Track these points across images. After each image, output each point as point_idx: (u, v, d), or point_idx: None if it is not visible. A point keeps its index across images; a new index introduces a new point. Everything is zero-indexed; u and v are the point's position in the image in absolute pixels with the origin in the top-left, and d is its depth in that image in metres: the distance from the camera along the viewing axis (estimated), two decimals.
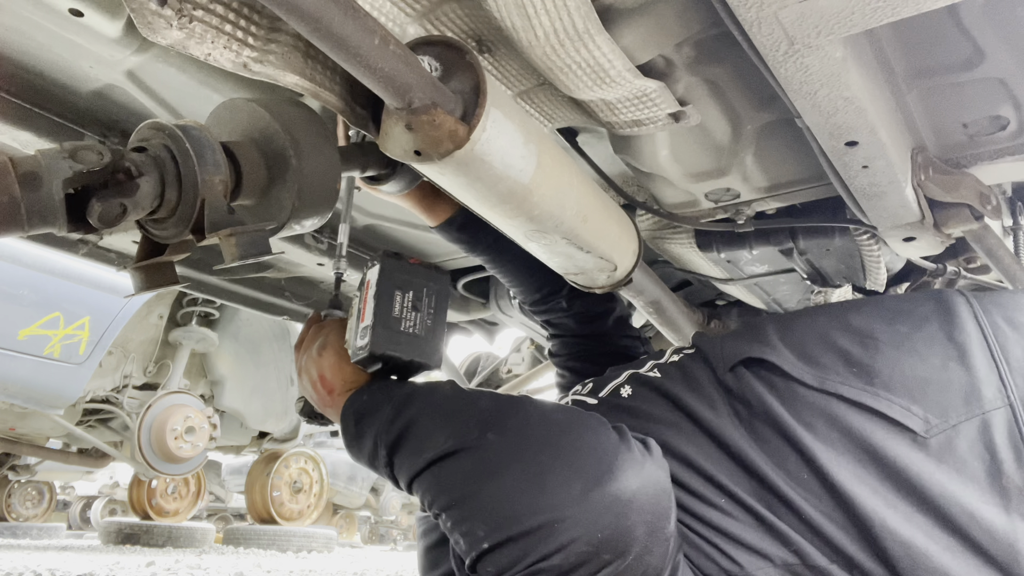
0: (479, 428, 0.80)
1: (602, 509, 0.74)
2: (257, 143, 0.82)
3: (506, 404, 0.86)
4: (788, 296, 1.89)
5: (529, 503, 0.74)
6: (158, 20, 0.69)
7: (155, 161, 0.74)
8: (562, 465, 0.77)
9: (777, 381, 0.92)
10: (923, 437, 0.81)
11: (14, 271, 4.31)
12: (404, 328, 0.90)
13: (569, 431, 0.82)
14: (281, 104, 0.84)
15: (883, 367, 0.88)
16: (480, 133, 0.80)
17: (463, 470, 0.78)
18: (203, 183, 0.73)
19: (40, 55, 1.19)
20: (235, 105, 0.84)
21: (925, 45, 1.00)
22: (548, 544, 0.72)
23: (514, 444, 0.79)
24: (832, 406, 0.87)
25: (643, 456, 0.82)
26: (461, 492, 0.77)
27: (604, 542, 0.73)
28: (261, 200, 0.85)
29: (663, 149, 1.26)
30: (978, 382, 0.84)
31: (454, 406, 0.85)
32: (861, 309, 1.01)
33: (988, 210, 1.20)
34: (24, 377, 4.41)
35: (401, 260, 0.94)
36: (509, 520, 0.74)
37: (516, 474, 0.76)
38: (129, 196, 0.70)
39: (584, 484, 0.75)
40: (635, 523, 0.75)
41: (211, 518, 10.96)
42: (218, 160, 0.75)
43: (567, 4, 0.84)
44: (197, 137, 0.76)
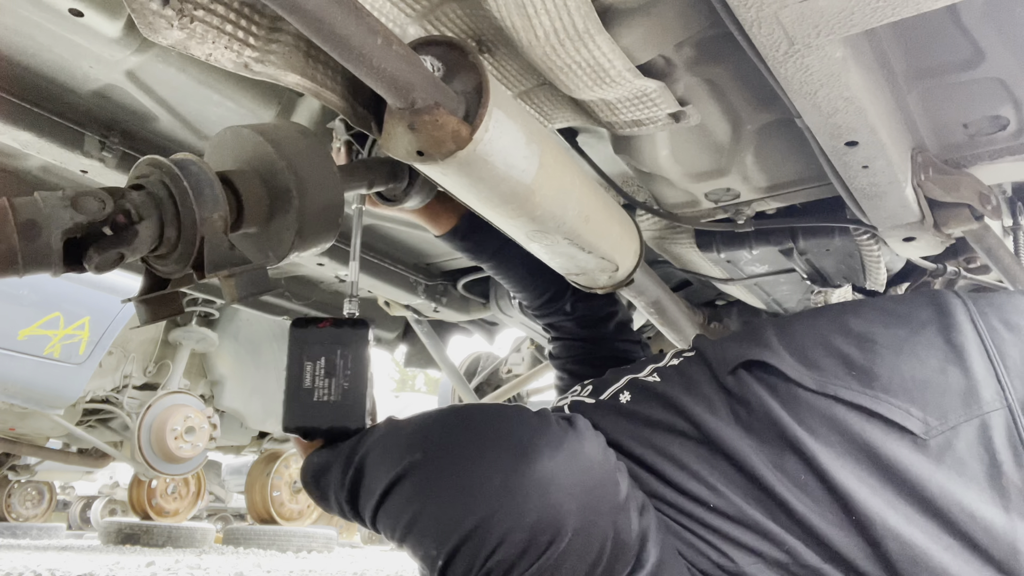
0: (409, 452, 0.82)
1: (523, 494, 0.75)
2: (260, 174, 0.82)
3: (430, 421, 0.87)
4: (788, 296, 1.89)
5: (461, 509, 0.76)
6: (159, 20, 0.69)
7: (154, 201, 0.74)
8: (481, 462, 0.78)
9: (778, 384, 0.92)
10: (923, 439, 0.82)
11: None
12: (318, 398, 0.89)
13: (487, 427, 0.83)
14: (286, 134, 0.84)
15: (882, 370, 0.89)
16: (483, 133, 0.80)
17: (404, 497, 0.80)
18: (202, 221, 0.73)
19: (40, 55, 1.19)
20: (240, 133, 0.84)
21: (925, 45, 1.00)
22: (487, 542, 0.74)
23: (439, 457, 0.81)
24: (832, 409, 0.87)
25: (562, 433, 0.82)
26: (407, 518, 0.79)
27: (536, 525, 0.74)
28: (264, 229, 0.85)
29: (663, 149, 1.26)
30: (976, 384, 0.84)
31: (388, 440, 0.86)
32: (860, 312, 1.01)
33: (988, 210, 1.20)
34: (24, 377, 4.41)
35: (309, 327, 0.92)
36: (450, 530, 0.75)
37: (445, 484, 0.78)
38: (127, 244, 0.70)
39: (503, 475, 0.76)
40: (561, 500, 0.76)
41: (211, 518, 10.95)
42: (217, 196, 0.75)
43: (567, 4, 0.84)
44: (195, 173, 0.75)
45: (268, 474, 7.36)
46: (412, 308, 2.27)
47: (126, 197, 0.72)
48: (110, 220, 0.70)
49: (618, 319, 1.46)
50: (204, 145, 1.44)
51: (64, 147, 1.29)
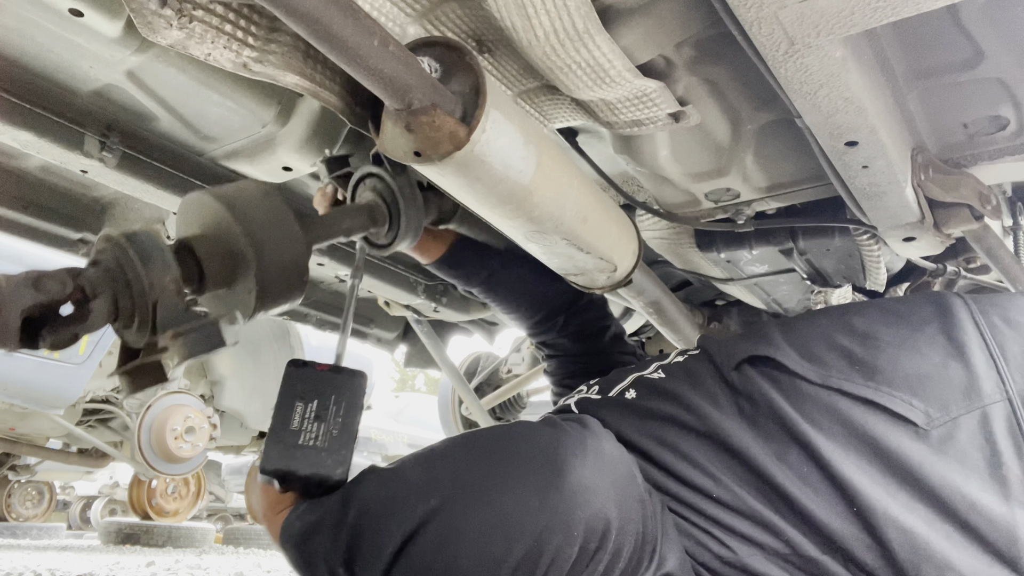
0: (422, 500, 0.76)
1: (566, 508, 0.74)
2: (219, 239, 0.83)
3: (434, 462, 0.83)
4: (788, 296, 1.89)
5: (505, 541, 0.72)
6: (158, 20, 0.69)
7: (109, 275, 0.75)
8: (512, 489, 0.75)
9: (782, 378, 0.94)
10: (924, 429, 0.84)
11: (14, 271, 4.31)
12: (303, 441, 0.86)
13: (503, 453, 0.81)
14: (246, 196, 0.85)
15: (885, 364, 0.91)
16: (480, 134, 0.80)
17: (430, 547, 0.73)
18: (152, 286, 0.75)
19: (40, 55, 1.19)
20: (201, 200, 0.85)
21: (925, 45, 1.00)
22: (538, 567, 0.71)
23: (462, 496, 0.76)
24: (835, 401, 0.89)
25: (580, 436, 0.82)
26: (441, 567, 0.73)
27: (584, 535, 0.73)
28: (229, 291, 0.86)
29: (663, 149, 1.26)
30: (977, 378, 0.86)
31: (389, 492, 0.80)
32: (862, 312, 1.03)
33: (988, 210, 1.20)
34: (24, 377, 4.41)
35: (307, 367, 0.90)
36: (495, 567, 0.72)
37: (478, 522, 0.74)
38: (81, 322, 0.72)
39: (540, 495, 0.74)
40: (603, 504, 0.76)
41: (211, 518, 10.96)
42: (167, 260, 0.76)
43: (567, 4, 0.84)
44: (143, 242, 0.77)
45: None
46: (412, 308, 2.27)
47: (83, 275, 0.74)
48: (68, 299, 0.72)
49: (611, 332, 1.46)
50: (204, 145, 1.45)
51: (64, 147, 1.29)
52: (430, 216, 1.14)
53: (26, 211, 1.63)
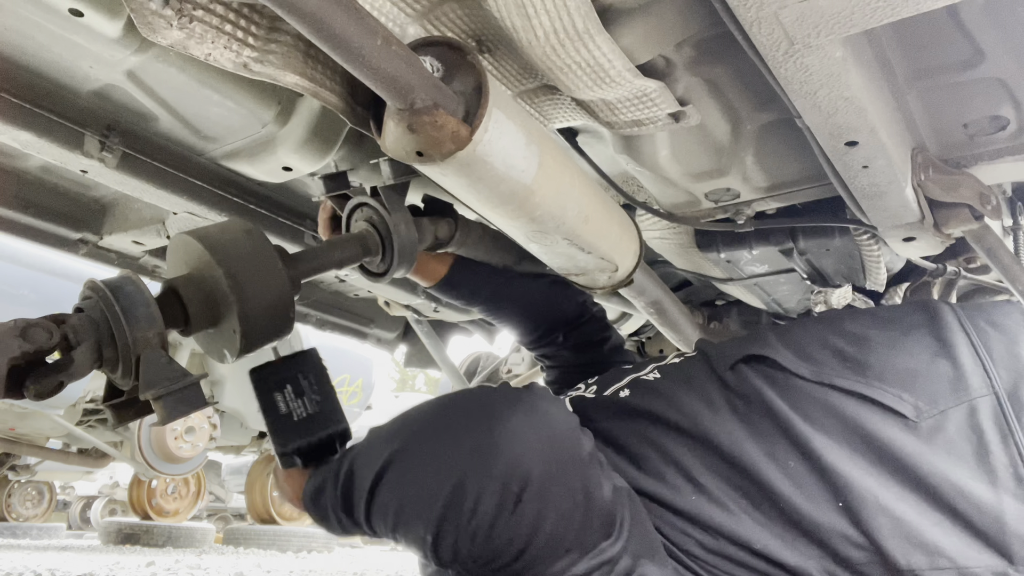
0: (388, 445, 0.86)
1: (490, 449, 0.79)
2: (203, 281, 0.86)
3: (407, 413, 0.92)
4: (788, 296, 1.89)
5: (437, 481, 0.80)
6: (158, 20, 0.69)
7: (92, 324, 0.78)
8: (450, 434, 0.83)
9: (776, 375, 0.97)
10: (914, 421, 0.87)
11: (14, 271, 4.31)
12: (297, 416, 0.94)
13: (452, 406, 0.89)
14: (229, 237, 0.87)
15: (875, 362, 0.95)
16: (482, 134, 0.80)
17: (389, 487, 0.84)
18: (136, 341, 0.77)
19: (40, 55, 1.19)
20: (186, 241, 0.87)
21: (925, 45, 1.00)
22: (466, 504, 0.77)
23: (413, 443, 0.85)
24: (828, 396, 0.93)
25: (518, 394, 0.87)
26: (395, 507, 0.83)
27: (505, 475, 0.77)
28: (217, 330, 0.88)
29: (663, 149, 1.26)
30: (964, 374, 0.90)
31: (370, 441, 0.91)
32: (855, 317, 1.07)
33: (988, 210, 1.20)
34: None
35: (266, 367, 0.97)
36: (431, 505, 0.79)
37: (422, 464, 0.83)
38: (64, 371, 0.74)
39: (471, 440, 0.81)
40: (523, 450, 0.79)
41: (211, 518, 10.96)
42: (152, 315, 0.79)
43: (567, 4, 0.84)
44: (130, 294, 0.79)
45: (268, 474, 7.36)
46: (412, 308, 2.27)
47: (67, 323, 0.77)
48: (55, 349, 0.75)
49: (611, 343, 1.47)
50: (204, 145, 1.44)
51: (64, 147, 1.29)
52: (426, 242, 1.14)
53: (26, 211, 1.63)
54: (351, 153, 1.51)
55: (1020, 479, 0.82)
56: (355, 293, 2.40)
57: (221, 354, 0.90)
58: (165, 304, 0.84)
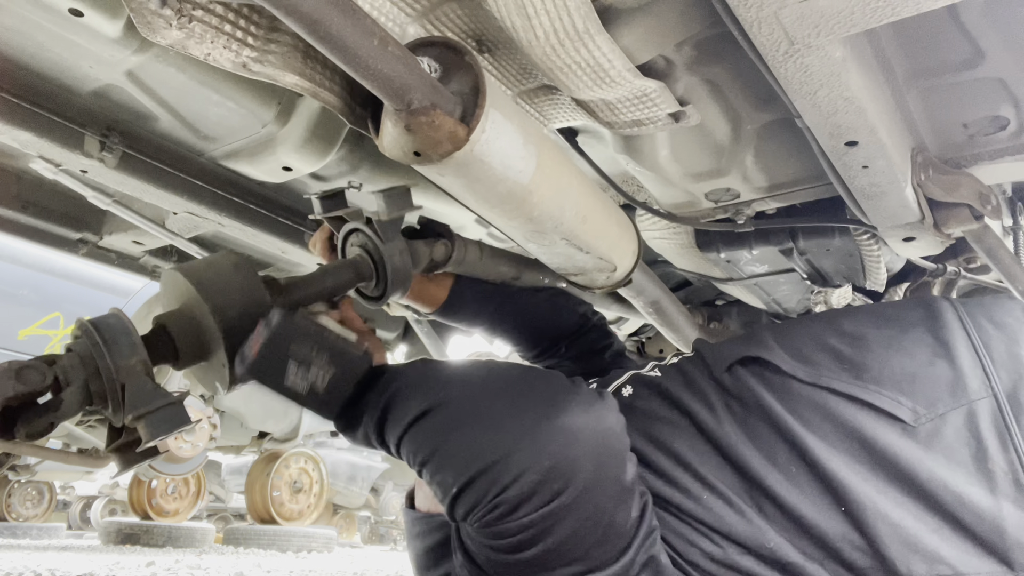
0: (444, 389, 0.87)
1: (547, 439, 0.79)
2: (190, 316, 0.89)
3: (467, 366, 0.94)
4: (788, 296, 1.89)
5: (485, 443, 0.80)
6: (158, 20, 0.69)
7: (80, 363, 0.80)
8: (513, 406, 0.84)
9: (772, 378, 0.96)
10: (912, 426, 0.86)
11: (14, 271, 4.31)
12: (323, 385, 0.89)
13: (522, 379, 0.89)
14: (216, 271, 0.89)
15: (873, 364, 0.93)
16: (479, 134, 0.80)
17: (433, 427, 0.84)
18: (118, 370, 0.79)
19: (40, 55, 1.19)
20: (173, 277, 0.90)
21: (925, 45, 1.00)
22: (504, 477, 0.77)
23: (474, 396, 0.86)
24: (825, 399, 0.91)
25: (592, 398, 0.87)
26: (432, 446, 0.83)
27: (551, 470, 0.77)
28: (208, 363, 0.90)
29: (663, 149, 1.26)
30: (963, 375, 0.89)
31: (423, 376, 0.91)
32: (853, 316, 1.06)
33: (988, 210, 1.20)
34: None
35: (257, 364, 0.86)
36: (470, 462, 0.80)
37: (475, 421, 0.83)
38: (55, 411, 0.77)
39: (533, 419, 0.81)
40: (580, 454, 0.79)
41: (211, 518, 10.95)
42: (134, 343, 0.81)
43: (567, 4, 0.84)
44: (112, 326, 0.82)
45: (268, 474, 7.36)
46: (412, 308, 2.26)
47: (57, 363, 0.79)
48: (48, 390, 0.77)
49: (613, 350, 1.47)
50: (204, 145, 1.44)
51: (64, 147, 1.29)
52: (421, 265, 1.14)
53: (26, 211, 1.64)
54: (351, 153, 1.51)
55: (1019, 485, 0.81)
56: None
57: (214, 386, 0.92)
58: (155, 339, 0.87)
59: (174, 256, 1.93)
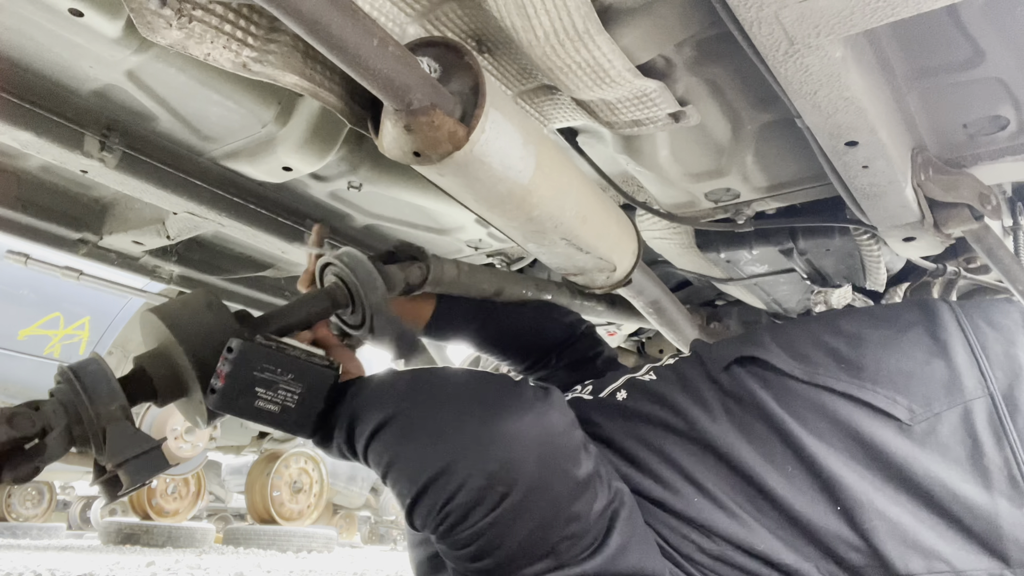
0: (399, 400, 0.90)
1: (488, 444, 0.80)
2: (167, 356, 0.93)
3: (421, 375, 0.95)
4: (788, 296, 1.89)
5: (431, 454, 0.82)
6: (157, 20, 0.69)
7: (63, 408, 0.84)
8: (457, 414, 0.85)
9: (770, 377, 0.97)
10: (907, 425, 0.87)
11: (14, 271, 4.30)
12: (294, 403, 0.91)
13: (467, 385, 0.91)
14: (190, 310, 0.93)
15: (870, 363, 0.94)
16: (479, 134, 0.80)
17: (388, 439, 0.87)
18: (99, 416, 0.83)
19: (40, 55, 1.19)
20: (148, 318, 0.94)
21: (925, 45, 1.00)
22: (450, 484, 0.79)
23: (424, 407, 0.88)
24: (822, 398, 0.92)
25: (535, 398, 0.87)
26: (388, 458, 0.86)
27: (495, 475, 0.79)
28: (188, 400, 0.95)
29: (663, 149, 1.26)
30: (959, 375, 0.90)
31: (382, 387, 0.93)
32: (851, 316, 1.07)
33: (988, 210, 1.20)
34: (24, 377, 4.41)
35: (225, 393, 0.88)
36: (420, 472, 0.82)
37: (422, 432, 0.85)
38: (40, 455, 0.80)
39: (474, 425, 0.82)
40: (522, 456, 0.80)
41: (211, 518, 10.95)
42: (113, 388, 0.85)
43: (567, 4, 0.84)
44: (92, 372, 0.86)
45: (268, 474, 7.36)
46: None
47: (42, 409, 0.82)
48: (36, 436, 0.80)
49: (604, 357, 1.47)
50: (204, 145, 1.44)
51: (64, 147, 1.29)
52: (396, 288, 1.16)
53: (26, 211, 1.63)
54: (351, 153, 1.51)
55: (1014, 482, 0.82)
56: None
57: (195, 421, 0.96)
58: (134, 380, 0.91)
59: (174, 256, 1.93)
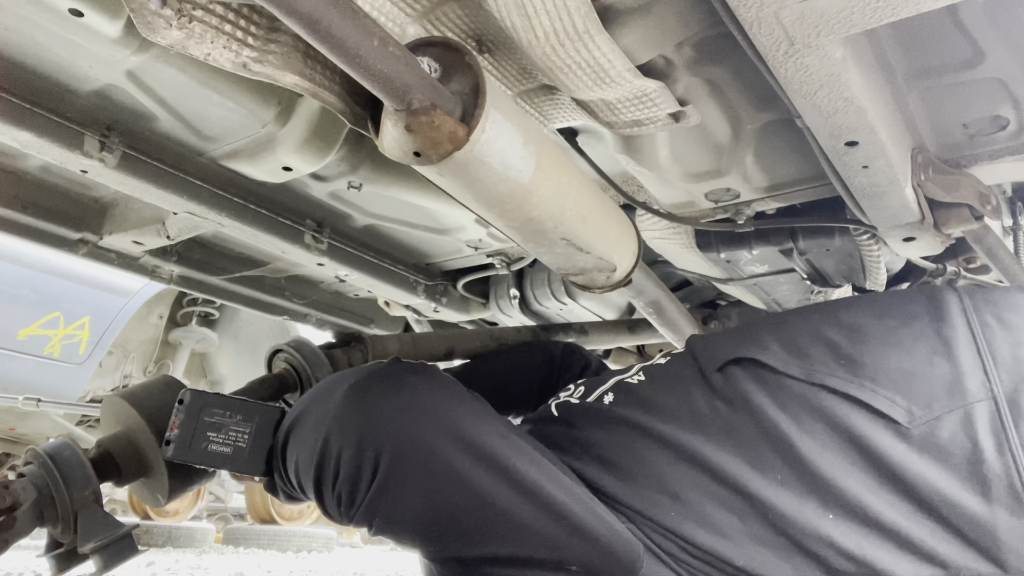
0: (295, 409, 0.96)
1: (348, 416, 0.84)
2: (131, 434, 0.99)
3: (320, 384, 1.00)
4: (788, 296, 1.88)
5: (312, 440, 0.86)
6: (158, 20, 0.69)
7: (34, 488, 0.88)
8: (326, 401, 0.90)
9: (766, 376, 0.94)
10: (906, 427, 0.84)
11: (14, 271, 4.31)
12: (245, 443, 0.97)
13: (337, 377, 0.95)
14: (151, 391, 1.00)
15: (870, 360, 0.91)
16: (479, 134, 0.80)
17: (290, 448, 0.92)
18: (74, 500, 0.89)
19: (40, 55, 1.19)
20: (113, 401, 1.01)
21: (925, 45, 1.00)
22: (329, 464, 0.83)
23: (306, 408, 0.93)
24: (819, 397, 0.89)
25: (390, 370, 0.91)
26: (292, 465, 0.91)
27: (359, 442, 0.82)
28: (149, 477, 1.00)
29: (663, 149, 1.26)
30: (962, 376, 0.86)
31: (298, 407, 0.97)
32: (852, 305, 1.03)
33: (988, 210, 1.20)
34: (24, 377, 4.41)
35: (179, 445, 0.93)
36: (308, 462, 0.86)
37: (305, 426, 0.90)
38: (9, 530, 0.84)
39: (337, 405, 0.87)
40: (380, 421, 0.84)
41: (211, 518, 10.95)
42: (87, 475, 0.91)
43: (567, 4, 0.84)
44: (68, 458, 0.91)
45: None
46: (412, 308, 2.27)
47: (12, 487, 0.87)
48: (9, 510, 0.85)
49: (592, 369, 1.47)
50: (204, 145, 1.44)
51: (64, 147, 1.29)
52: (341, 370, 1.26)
53: (26, 211, 1.63)
54: (351, 153, 1.51)
55: (1014, 491, 0.78)
56: (355, 293, 2.40)
57: (155, 499, 1.02)
58: (100, 462, 0.96)
59: (174, 256, 1.93)
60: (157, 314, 5.38)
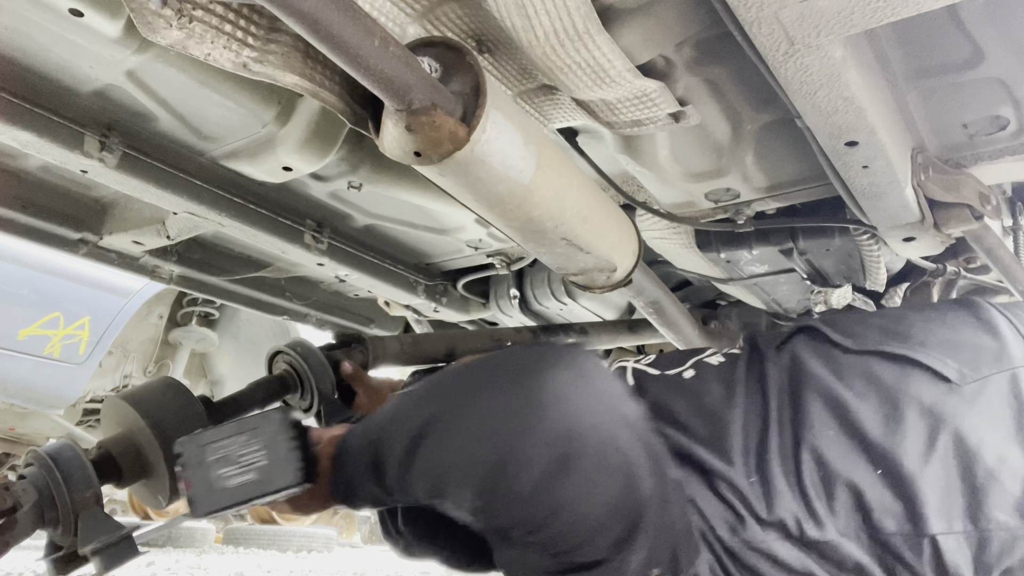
0: (421, 413, 0.84)
1: (534, 414, 0.75)
2: (132, 435, 0.98)
3: (437, 379, 0.91)
4: (788, 296, 1.88)
5: (481, 446, 0.76)
6: (158, 20, 0.69)
7: (35, 490, 0.88)
8: (488, 395, 0.80)
9: (821, 346, 0.99)
10: (957, 384, 0.88)
11: (14, 271, 4.30)
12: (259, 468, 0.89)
13: (489, 365, 0.87)
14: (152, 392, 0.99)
15: (917, 332, 0.96)
16: (480, 134, 0.80)
17: (427, 455, 0.81)
18: (75, 502, 0.88)
19: (40, 55, 1.19)
20: (114, 403, 1.00)
21: (925, 45, 1.00)
22: (510, 468, 0.73)
23: (452, 407, 0.82)
24: (871, 364, 0.93)
25: (561, 351, 0.83)
26: (435, 473, 0.80)
27: (549, 439, 0.74)
28: (151, 479, 0.99)
29: (663, 149, 1.26)
30: (1007, 345, 0.92)
31: (398, 410, 0.89)
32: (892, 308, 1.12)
33: (988, 210, 1.20)
34: (24, 377, 4.41)
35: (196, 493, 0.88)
36: (475, 471, 0.76)
37: (463, 428, 0.79)
38: (10, 531, 0.84)
39: (511, 400, 0.77)
40: (571, 413, 0.75)
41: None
42: (88, 476, 0.90)
43: (567, 4, 0.84)
44: (69, 459, 0.90)
45: None
46: (412, 308, 2.27)
47: (12, 488, 0.87)
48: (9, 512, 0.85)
49: None
50: (204, 145, 1.44)
51: (64, 147, 1.29)
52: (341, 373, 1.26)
53: (26, 211, 1.63)
54: (351, 153, 1.51)
55: None
56: (355, 293, 2.40)
57: (156, 500, 1.01)
58: (101, 463, 0.96)
59: (174, 256, 1.93)
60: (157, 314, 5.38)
